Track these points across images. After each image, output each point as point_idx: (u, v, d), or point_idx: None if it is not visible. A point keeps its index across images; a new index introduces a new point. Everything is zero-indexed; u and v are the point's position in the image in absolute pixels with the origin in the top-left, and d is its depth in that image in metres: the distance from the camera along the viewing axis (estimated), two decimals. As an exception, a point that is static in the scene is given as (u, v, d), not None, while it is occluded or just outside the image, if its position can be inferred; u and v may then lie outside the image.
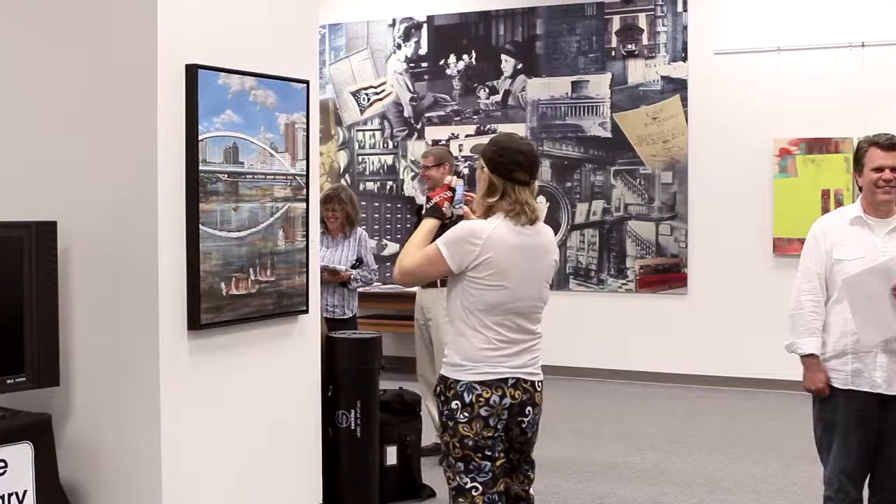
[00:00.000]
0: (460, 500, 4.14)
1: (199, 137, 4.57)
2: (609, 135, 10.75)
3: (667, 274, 10.56)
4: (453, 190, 4.40)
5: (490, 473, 4.11)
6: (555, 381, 10.34)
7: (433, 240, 4.23)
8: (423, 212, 4.43)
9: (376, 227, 11.78)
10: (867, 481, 4.82)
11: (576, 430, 8.60)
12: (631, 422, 8.89)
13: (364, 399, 5.92)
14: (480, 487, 4.10)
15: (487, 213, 4.19)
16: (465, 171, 10.60)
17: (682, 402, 9.69)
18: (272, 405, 5.13)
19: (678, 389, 10.18)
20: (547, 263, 4.27)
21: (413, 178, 11.57)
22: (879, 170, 4.67)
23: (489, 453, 4.11)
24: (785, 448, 7.85)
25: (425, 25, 11.58)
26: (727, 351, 10.27)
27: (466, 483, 4.11)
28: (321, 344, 5.59)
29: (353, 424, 5.87)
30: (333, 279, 7.25)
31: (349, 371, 5.91)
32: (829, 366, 4.74)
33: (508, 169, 4.14)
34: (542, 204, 10.91)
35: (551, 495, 6.72)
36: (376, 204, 11.83)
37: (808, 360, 4.77)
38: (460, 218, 4.37)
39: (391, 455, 6.42)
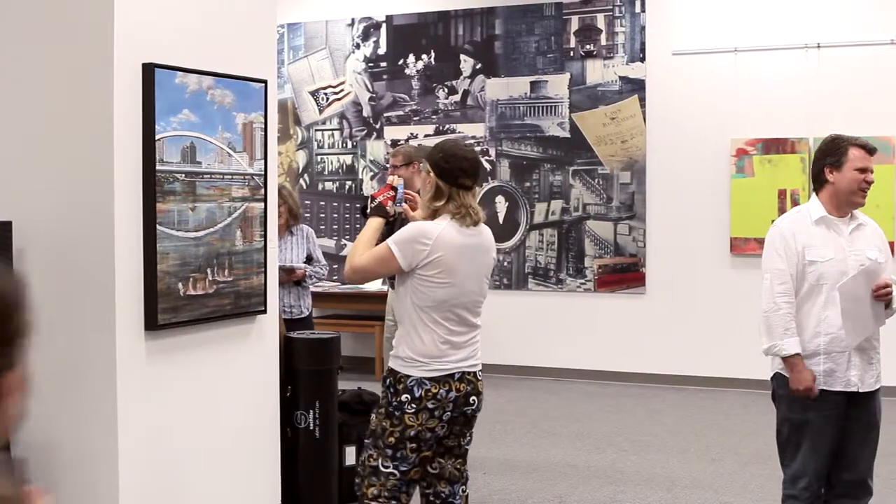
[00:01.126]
0: (373, 479, 4.40)
1: (156, 137, 4.54)
2: (567, 135, 10.78)
3: (625, 273, 10.61)
4: (395, 189, 4.68)
5: (411, 465, 4.40)
6: (513, 380, 10.38)
7: (378, 236, 4.52)
8: (368, 211, 4.68)
9: (335, 226, 11.75)
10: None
11: (535, 429, 8.62)
12: (589, 421, 8.92)
13: (323, 399, 5.92)
14: (398, 475, 4.39)
15: (434, 215, 4.45)
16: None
17: (641, 400, 9.73)
18: (230, 405, 5.11)
19: (636, 388, 10.22)
20: (488, 262, 4.56)
21: (372, 178, 11.55)
22: (863, 171, 4.69)
23: (421, 446, 4.39)
24: (742, 446, 7.90)
25: (384, 25, 11.57)
26: (685, 350, 10.33)
27: (388, 467, 4.38)
28: (279, 344, 5.58)
29: (311, 425, 5.86)
30: (289, 278, 7.22)
31: (308, 371, 5.91)
32: None
33: (454, 175, 4.41)
34: (500, 203, 10.96)
35: (510, 494, 6.74)
36: (335, 204, 11.80)
37: (794, 360, 4.70)
38: (401, 216, 4.71)
39: (350, 455, 6.41)
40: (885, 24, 9.70)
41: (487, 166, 11.04)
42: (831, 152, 4.76)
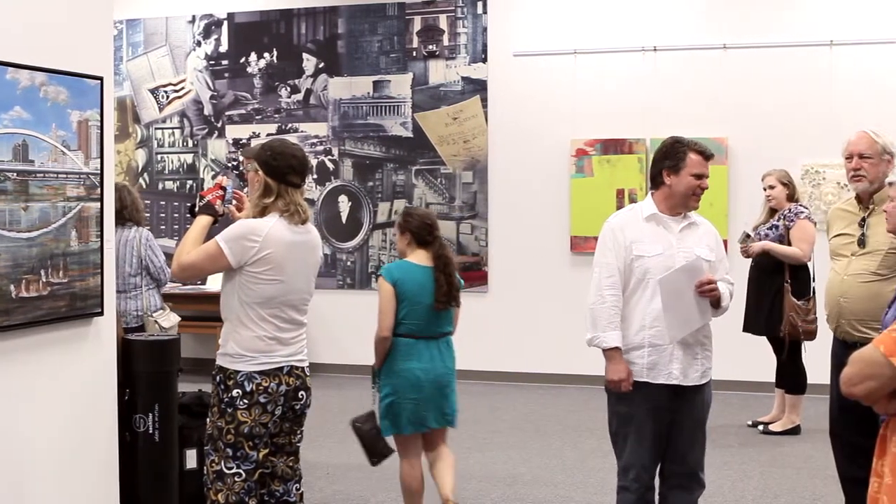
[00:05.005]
0: (219, 484, 4.44)
1: (-14, 134, 4.42)
2: (410, 134, 10.83)
3: (468, 272, 10.66)
4: (224, 189, 4.73)
5: (254, 464, 4.45)
6: (358, 379, 10.36)
7: (206, 234, 4.56)
8: (197, 209, 4.69)
9: (176, 226, 11.57)
10: (657, 469, 4.96)
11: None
12: (433, 419, 8.94)
13: (162, 402, 5.82)
14: (243, 474, 4.44)
15: (263, 213, 4.49)
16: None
17: (483, 398, 9.81)
18: (67, 409, 5.00)
19: (479, 386, 10.30)
20: (315, 260, 4.68)
21: (213, 178, 11.40)
22: (699, 177, 4.78)
23: (258, 442, 4.44)
24: (582, 441, 8.05)
25: (226, 23, 11.45)
26: (527, 347, 10.47)
27: (232, 468, 4.43)
28: (117, 346, 5.48)
29: (151, 428, 5.76)
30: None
31: (146, 374, 5.80)
32: (625, 358, 4.81)
33: (283, 173, 4.48)
34: (343, 203, 10.95)
35: (352, 495, 6.73)
36: (176, 203, 11.62)
37: (613, 352, 4.79)
38: (227, 216, 4.78)
39: (191, 458, 6.31)
40: (717, 30, 10.00)
41: (330, 166, 11.03)
42: (670, 156, 4.84)
